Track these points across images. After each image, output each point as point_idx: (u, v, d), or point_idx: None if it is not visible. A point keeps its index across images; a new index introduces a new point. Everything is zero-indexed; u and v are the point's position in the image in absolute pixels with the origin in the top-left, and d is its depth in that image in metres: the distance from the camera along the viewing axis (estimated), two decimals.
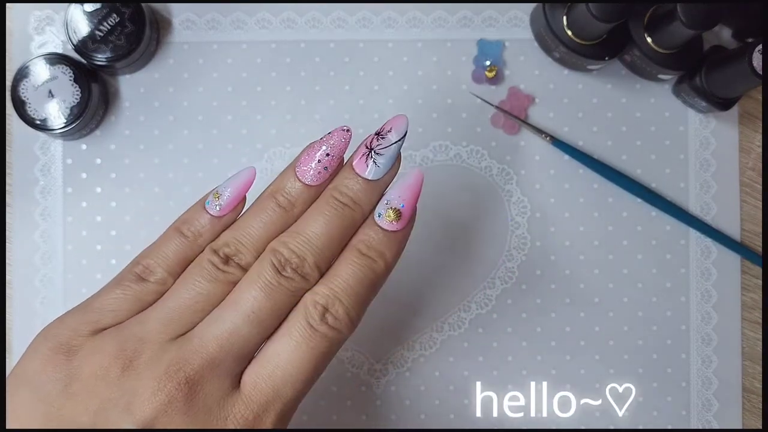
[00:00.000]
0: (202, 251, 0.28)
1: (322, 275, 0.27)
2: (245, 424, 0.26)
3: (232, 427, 0.26)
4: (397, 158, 0.28)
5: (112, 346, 0.26)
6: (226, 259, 0.27)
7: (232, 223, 0.29)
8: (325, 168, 0.28)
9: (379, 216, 0.28)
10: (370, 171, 0.28)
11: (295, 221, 0.28)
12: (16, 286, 0.43)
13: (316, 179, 0.28)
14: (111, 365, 0.25)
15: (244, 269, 0.27)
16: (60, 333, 0.27)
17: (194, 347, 0.26)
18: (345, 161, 0.29)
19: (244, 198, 0.29)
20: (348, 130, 0.28)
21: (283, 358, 0.26)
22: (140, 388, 0.25)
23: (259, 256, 0.28)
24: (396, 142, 0.28)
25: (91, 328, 0.27)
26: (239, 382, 0.26)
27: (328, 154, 0.28)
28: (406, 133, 0.28)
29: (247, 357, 0.27)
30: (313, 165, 0.28)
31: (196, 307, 0.27)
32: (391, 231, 0.28)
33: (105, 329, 0.27)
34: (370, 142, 0.28)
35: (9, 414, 0.26)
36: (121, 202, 0.44)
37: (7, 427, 0.26)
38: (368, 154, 0.28)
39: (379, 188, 0.28)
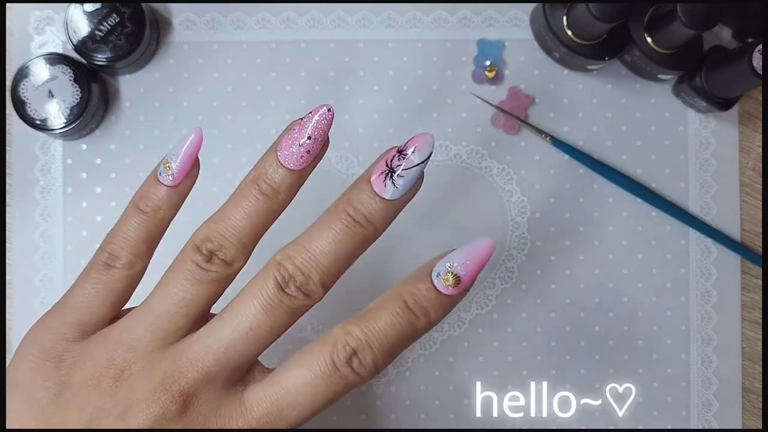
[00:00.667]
0: (182, 245, 0.27)
1: (326, 292, 0.26)
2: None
3: (227, 427, 0.25)
4: (419, 178, 0.27)
5: (102, 355, 0.26)
6: (210, 256, 0.26)
7: (189, 190, 0.28)
8: (308, 152, 0.26)
9: (437, 276, 0.26)
10: (388, 191, 0.26)
11: (280, 207, 0.27)
12: (16, 286, 0.43)
13: (299, 164, 0.27)
14: (102, 375, 0.25)
15: (229, 264, 0.26)
16: (44, 338, 0.26)
17: (189, 360, 0.25)
18: (332, 144, 0.28)
19: (197, 161, 0.28)
20: (330, 110, 0.26)
21: (295, 384, 0.26)
22: (134, 399, 0.25)
23: (244, 249, 0.27)
24: (419, 164, 0.26)
25: (75, 331, 0.26)
26: (236, 390, 0.26)
27: (310, 137, 0.26)
28: (430, 154, 0.26)
29: (242, 369, 0.26)
30: (294, 150, 0.26)
31: (181, 312, 0.26)
32: (444, 294, 0.26)
33: (88, 331, 0.27)
34: (391, 160, 0.26)
35: (8, 415, 0.26)
36: (122, 202, 0.44)
37: (7, 427, 0.26)
38: (388, 174, 0.26)
39: (395, 208, 0.27)
